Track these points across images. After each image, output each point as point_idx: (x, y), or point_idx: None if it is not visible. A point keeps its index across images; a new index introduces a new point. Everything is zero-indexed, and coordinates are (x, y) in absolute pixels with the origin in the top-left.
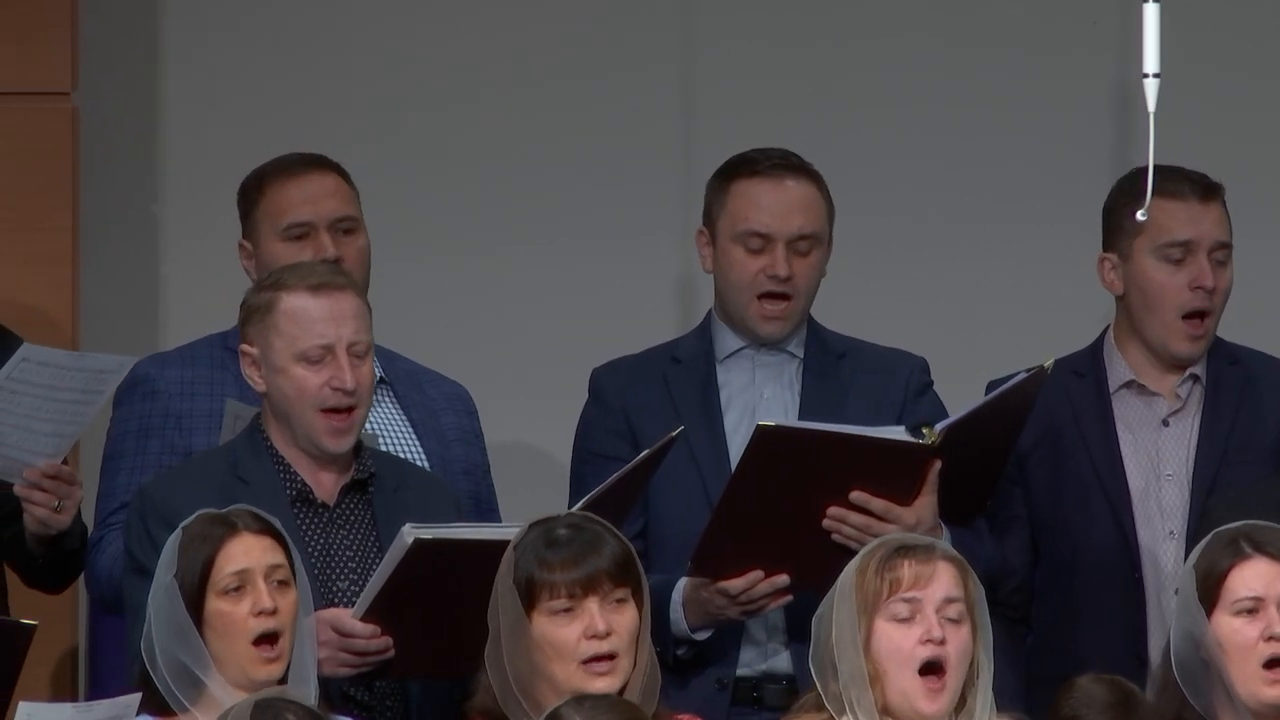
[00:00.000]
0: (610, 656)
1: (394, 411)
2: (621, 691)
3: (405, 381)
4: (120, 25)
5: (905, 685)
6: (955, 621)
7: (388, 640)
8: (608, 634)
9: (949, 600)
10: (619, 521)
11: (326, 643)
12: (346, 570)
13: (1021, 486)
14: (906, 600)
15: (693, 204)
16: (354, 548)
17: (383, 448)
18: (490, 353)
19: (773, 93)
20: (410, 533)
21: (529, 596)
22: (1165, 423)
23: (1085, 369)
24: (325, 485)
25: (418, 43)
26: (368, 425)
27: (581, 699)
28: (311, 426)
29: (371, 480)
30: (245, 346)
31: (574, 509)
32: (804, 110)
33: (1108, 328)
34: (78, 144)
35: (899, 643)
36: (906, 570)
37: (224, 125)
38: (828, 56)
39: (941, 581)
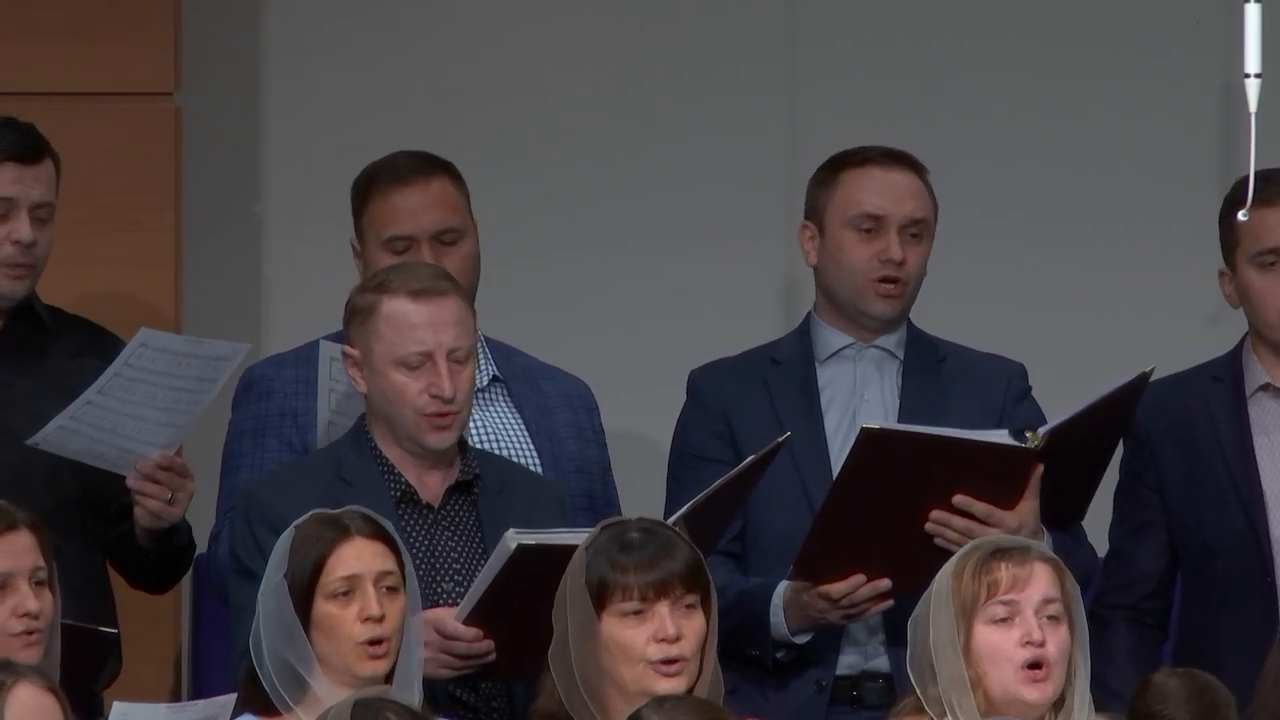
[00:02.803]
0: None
1: (507, 410)
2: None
3: (521, 379)
4: (222, 25)
5: (1007, 681)
6: (1054, 620)
7: (489, 644)
8: (677, 638)
9: (1047, 600)
10: (724, 526)
11: (429, 644)
12: (450, 572)
13: (1157, 492)
14: (1005, 603)
15: (797, 204)
16: (458, 549)
17: (496, 446)
18: (597, 351)
19: (876, 93)
20: (514, 538)
21: (600, 598)
22: None
23: (1224, 374)
24: (430, 486)
25: (521, 42)
26: (474, 424)
27: (661, 700)
28: (413, 426)
29: (476, 481)
30: (347, 348)
31: (680, 514)
32: (907, 111)
33: (1247, 334)
34: (180, 144)
35: (998, 645)
36: (1004, 573)
37: (326, 125)
38: (931, 57)
39: (1039, 583)
